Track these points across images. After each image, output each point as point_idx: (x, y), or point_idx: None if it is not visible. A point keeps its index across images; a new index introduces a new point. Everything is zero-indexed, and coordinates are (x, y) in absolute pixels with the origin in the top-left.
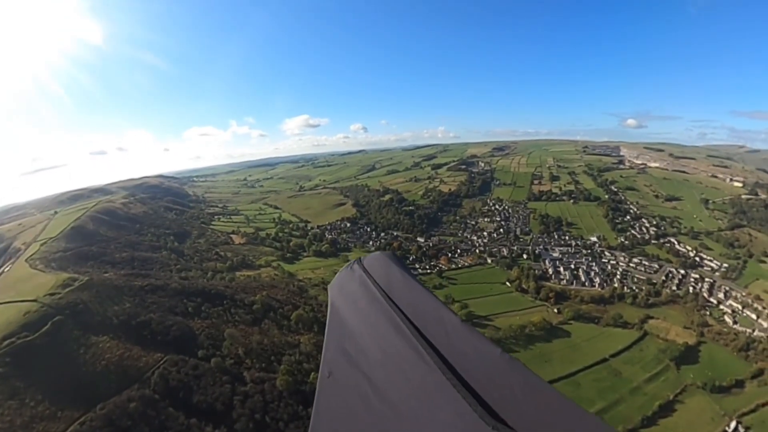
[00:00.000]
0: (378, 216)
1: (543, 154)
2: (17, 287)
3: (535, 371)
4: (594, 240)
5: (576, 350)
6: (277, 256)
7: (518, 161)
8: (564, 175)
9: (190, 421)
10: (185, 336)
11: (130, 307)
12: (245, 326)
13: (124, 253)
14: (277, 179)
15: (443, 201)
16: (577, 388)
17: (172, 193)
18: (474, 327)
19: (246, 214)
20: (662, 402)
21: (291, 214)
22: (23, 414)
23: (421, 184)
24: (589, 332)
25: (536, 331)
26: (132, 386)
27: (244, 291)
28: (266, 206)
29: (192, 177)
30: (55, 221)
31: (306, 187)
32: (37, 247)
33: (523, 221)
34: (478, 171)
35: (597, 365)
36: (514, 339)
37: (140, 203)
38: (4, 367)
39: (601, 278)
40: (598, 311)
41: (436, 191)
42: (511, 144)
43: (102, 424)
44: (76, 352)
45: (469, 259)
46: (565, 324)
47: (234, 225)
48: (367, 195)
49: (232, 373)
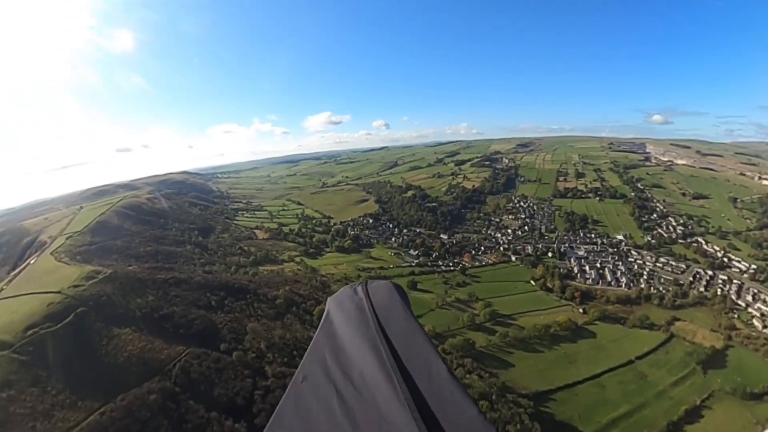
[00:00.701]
0: (400, 212)
1: (568, 150)
2: (42, 279)
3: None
4: (620, 238)
5: (601, 351)
6: (300, 251)
7: (543, 158)
8: (589, 172)
9: (210, 415)
10: (208, 329)
11: (153, 300)
12: (268, 320)
13: (148, 247)
14: (300, 176)
15: (467, 197)
16: (601, 390)
17: (197, 189)
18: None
19: (269, 209)
20: (688, 407)
21: (314, 210)
22: (44, 401)
23: (445, 181)
24: (615, 333)
25: (561, 331)
26: (153, 378)
27: (267, 285)
28: (289, 202)
29: (216, 173)
30: (81, 216)
31: (329, 183)
32: (63, 240)
33: (548, 219)
34: (502, 167)
35: (622, 367)
36: (538, 339)
37: (165, 198)
38: (27, 356)
39: (628, 278)
40: (624, 312)
41: (459, 187)
42: (536, 140)
43: (121, 415)
44: (98, 344)
45: (493, 257)
46: (590, 324)
47: (258, 220)
48: (389, 191)
49: (254, 367)
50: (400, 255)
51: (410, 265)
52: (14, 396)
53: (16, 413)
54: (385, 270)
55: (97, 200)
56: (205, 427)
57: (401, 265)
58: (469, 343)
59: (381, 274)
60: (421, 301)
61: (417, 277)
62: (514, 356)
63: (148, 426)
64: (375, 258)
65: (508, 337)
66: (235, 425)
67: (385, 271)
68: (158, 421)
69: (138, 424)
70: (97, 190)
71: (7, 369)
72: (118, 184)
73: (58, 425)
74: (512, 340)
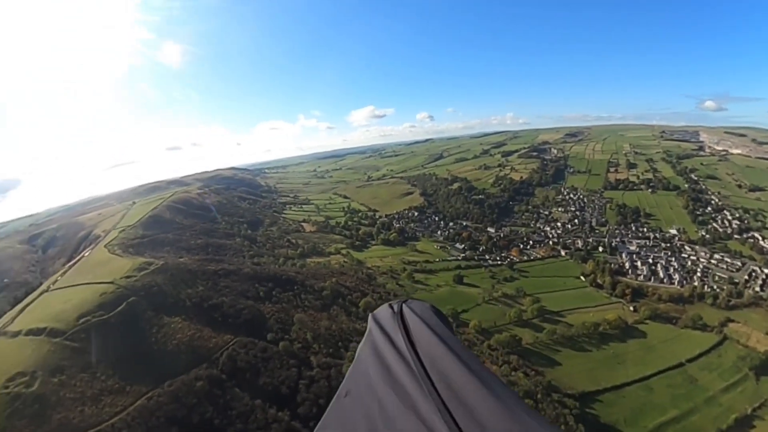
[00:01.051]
0: (446, 205)
1: (618, 139)
2: (95, 271)
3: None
4: (673, 233)
5: (651, 352)
6: (346, 244)
7: (593, 148)
8: (641, 163)
9: (255, 402)
10: (255, 319)
11: (202, 291)
12: (314, 311)
13: (198, 240)
14: (345, 170)
15: (514, 189)
16: (649, 393)
17: (245, 184)
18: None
19: (316, 203)
20: (739, 416)
21: (360, 203)
22: (93, 386)
23: (491, 172)
24: (666, 333)
25: (610, 329)
26: (200, 365)
27: (314, 277)
28: (336, 196)
29: (264, 169)
30: (133, 210)
31: (374, 177)
32: (116, 234)
33: (598, 211)
34: (550, 158)
35: (672, 370)
36: (586, 337)
37: (215, 194)
38: (79, 342)
39: (681, 275)
40: (677, 311)
41: (506, 179)
42: (585, 129)
43: (168, 400)
44: (148, 332)
45: (542, 251)
46: (641, 323)
47: (305, 214)
48: (434, 184)
49: (299, 357)
50: (446, 248)
51: (456, 259)
52: (65, 381)
53: (66, 397)
54: (430, 264)
55: (149, 196)
56: (249, 414)
57: (447, 259)
58: (516, 339)
59: (427, 267)
60: (467, 295)
61: (463, 271)
62: (562, 354)
63: (194, 411)
64: (420, 251)
65: (556, 334)
66: (278, 414)
67: (431, 264)
68: (204, 407)
69: (184, 409)
70: (149, 187)
71: (60, 355)
72: (169, 181)
73: (105, 409)
74: (560, 337)
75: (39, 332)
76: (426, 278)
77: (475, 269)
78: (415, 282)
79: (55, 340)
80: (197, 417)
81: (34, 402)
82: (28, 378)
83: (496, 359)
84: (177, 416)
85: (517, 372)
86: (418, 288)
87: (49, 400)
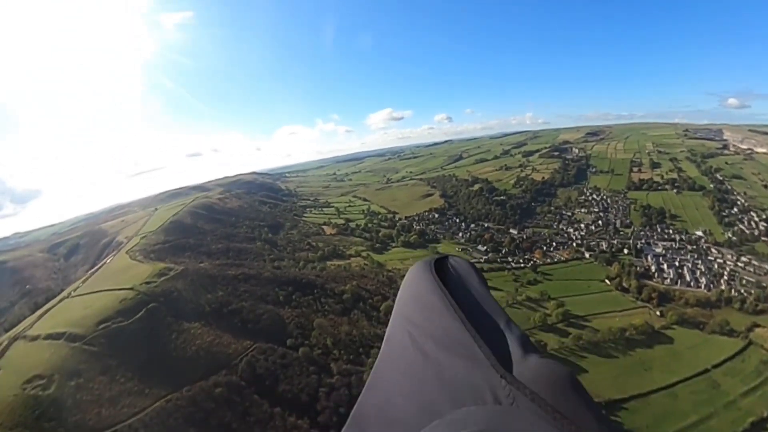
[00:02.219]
0: (467, 206)
1: (641, 138)
2: (116, 277)
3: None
4: (699, 235)
5: (678, 359)
6: (366, 246)
7: (615, 147)
8: (665, 162)
9: (274, 410)
10: (275, 324)
11: (222, 296)
12: (334, 316)
13: (219, 245)
14: (365, 173)
15: (536, 190)
16: (674, 400)
17: (266, 188)
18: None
19: (336, 206)
20: (755, 419)
21: (379, 205)
22: (112, 389)
23: (513, 173)
24: (693, 339)
25: (637, 335)
26: (219, 372)
27: (335, 280)
28: (355, 198)
29: (284, 173)
30: (155, 216)
31: (393, 179)
32: (137, 240)
33: (623, 212)
34: (572, 158)
35: (697, 376)
36: (612, 343)
37: (236, 198)
38: (98, 347)
39: (708, 278)
40: (704, 316)
41: (528, 180)
42: (606, 128)
43: (186, 404)
44: (167, 337)
45: (565, 254)
46: (667, 329)
47: (325, 216)
48: (455, 185)
49: (319, 364)
50: (467, 251)
51: (479, 262)
52: (82, 384)
53: (83, 400)
54: None
55: (171, 202)
56: (267, 421)
57: (469, 261)
58: (541, 345)
59: None
60: None
61: (486, 274)
62: (588, 361)
63: (212, 416)
64: (442, 254)
65: (582, 340)
66: (297, 421)
67: None
68: (222, 412)
69: (202, 413)
70: (170, 193)
71: (78, 359)
72: (191, 186)
73: (123, 411)
74: (586, 343)
75: (58, 337)
76: None
77: (498, 272)
78: None
79: (73, 345)
80: (215, 421)
81: (50, 405)
82: (45, 381)
83: None
84: (195, 419)
85: None
86: None
87: (65, 403)
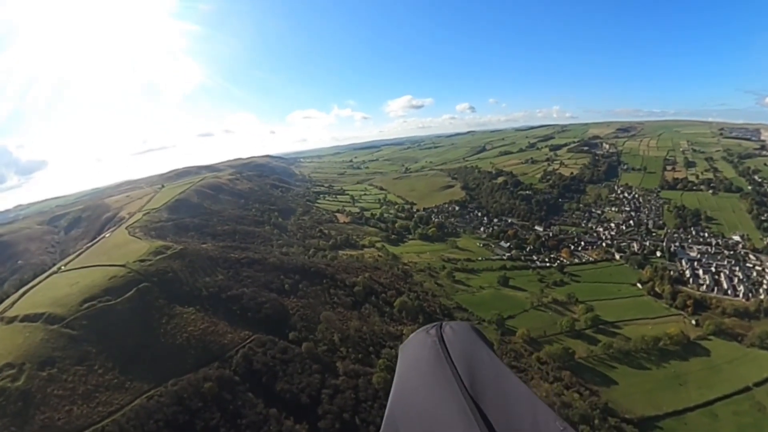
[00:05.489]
0: (490, 200)
1: (674, 136)
2: (110, 253)
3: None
4: (737, 239)
5: (715, 373)
6: (381, 237)
7: (647, 144)
8: (700, 161)
9: (269, 411)
10: (278, 315)
11: (222, 280)
12: (344, 309)
13: (226, 226)
14: (382, 161)
15: (564, 186)
16: (713, 420)
17: (279, 172)
18: None
19: (351, 193)
20: None
21: (396, 195)
22: (88, 382)
23: (539, 167)
24: (731, 352)
25: (671, 345)
26: (211, 364)
27: (346, 271)
28: (371, 187)
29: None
30: (161, 194)
31: (412, 168)
32: (140, 216)
33: (655, 213)
34: (602, 153)
35: (738, 394)
36: (645, 353)
37: (246, 180)
38: (78, 330)
39: (746, 287)
40: (742, 327)
41: (555, 175)
42: (637, 125)
43: (170, 401)
44: (157, 322)
45: (594, 254)
46: (703, 339)
47: (339, 204)
48: (477, 177)
49: (324, 362)
50: (489, 246)
51: (501, 259)
52: (55, 375)
53: (54, 394)
54: (472, 262)
55: (179, 180)
56: (261, 425)
57: (491, 258)
58: (568, 352)
59: (468, 266)
60: (513, 299)
61: (509, 272)
62: (618, 372)
63: (198, 417)
64: (461, 248)
65: (612, 348)
66: (295, 426)
67: (473, 263)
68: (210, 413)
69: (187, 413)
70: (180, 171)
71: (53, 345)
72: (201, 166)
73: (97, 409)
74: (616, 352)
75: (36, 318)
76: (467, 278)
77: (521, 270)
78: (455, 282)
79: (51, 328)
80: (201, 424)
81: (18, 399)
82: (15, 371)
83: (546, 375)
84: (178, 421)
85: (570, 391)
86: (459, 288)
87: (35, 398)
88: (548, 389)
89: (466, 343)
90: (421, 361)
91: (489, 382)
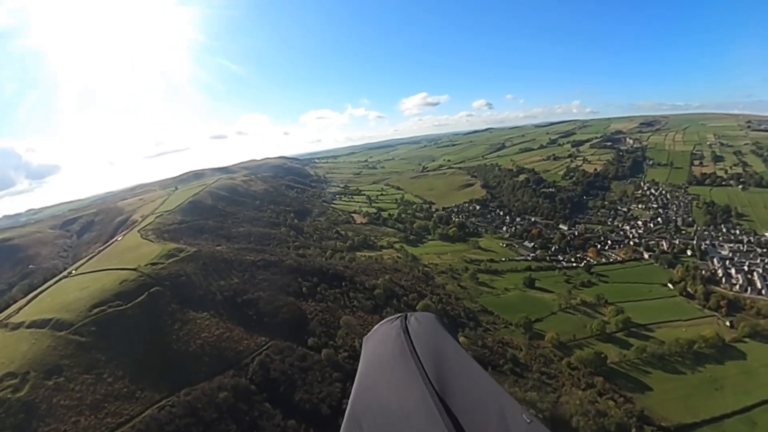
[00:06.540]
0: (511, 198)
1: (700, 129)
2: (122, 256)
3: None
4: None
5: (752, 377)
6: (399, 237)
7: (672, 138)
8: (728, 155)
9: (287, 423)
10: (295, 319)
11: (237, 283)
12: (364, 313)
13: (241, 228)
14: (398, 160)
15: (588, 183)
16: (752, 428)
17: (294, 173)
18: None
19: (368, 194)
20: None
21: (414, 195)
22: (96, 391)
23: (562, 163)
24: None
25: (706, 348)
26: (226, 372)
27: (365, 273)
28: (388, 187)
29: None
30: (174, 196)
31: (429, 167)
32: (152, 219)
33: (684, 209)
34: (626, 149)
35: None
36: (679, 357)
37: (261, 181)
38: (87, 337)
39: None
40: None
41: (579, 171)
42: (661, 119)
43: (183, 412)
44: (169, 327)
45: (622, 253)
46: (739, 342)
47: (355, 204)
48: (497, 175)
49: (345, 370)
50: (513, 246)
51: (526, 259)
52: (62, 384)
53: (60, 405)
54: (496, 263)
55: (192, 182)
56: None
57: (515, 258)
58: (600, 357)
59: (492, 267)
60: (540, 302)
61: (534, 273)
62: (652, 377)
63: (212, 429)
64: (484, 249)
65: (645, 352)
66: None
67: (497, 264)
68: (225, 425)
69: (201, 425)
70: (193, 174)
71: (60, 353)
72: (215, 168)
73: (106, 420)
74: (650, 356)
75: (43, 324)
76: (491, 280)
77: (547, 271)
78: (479, 283)
79: (59, 334)
80: None
81: (19, 410)
82: (18, 380)
83: (578, 381)
84: None
85: (604, 398)
86: (483, 290)
87: (39, 408)
88: (581, 396)
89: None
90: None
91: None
